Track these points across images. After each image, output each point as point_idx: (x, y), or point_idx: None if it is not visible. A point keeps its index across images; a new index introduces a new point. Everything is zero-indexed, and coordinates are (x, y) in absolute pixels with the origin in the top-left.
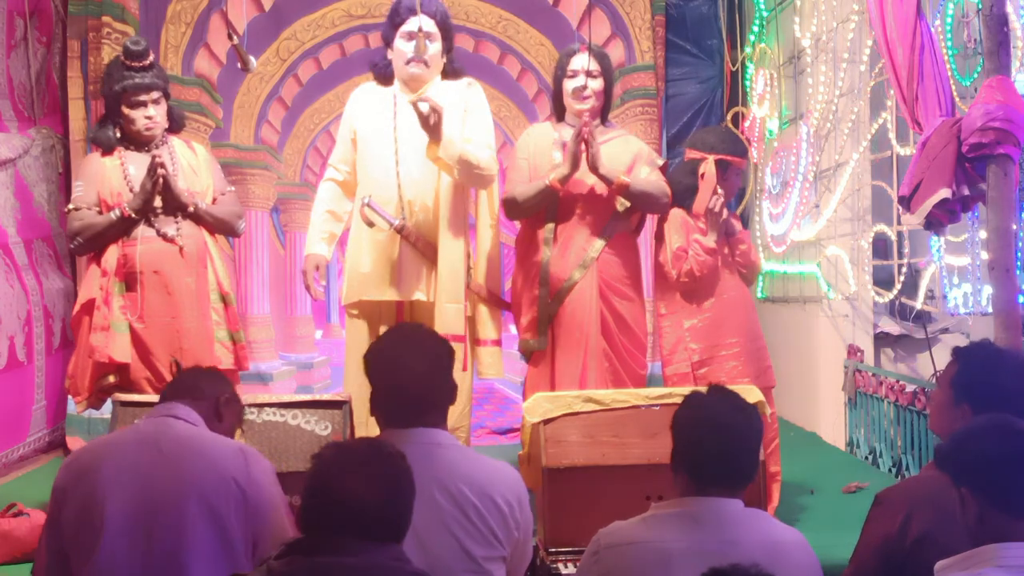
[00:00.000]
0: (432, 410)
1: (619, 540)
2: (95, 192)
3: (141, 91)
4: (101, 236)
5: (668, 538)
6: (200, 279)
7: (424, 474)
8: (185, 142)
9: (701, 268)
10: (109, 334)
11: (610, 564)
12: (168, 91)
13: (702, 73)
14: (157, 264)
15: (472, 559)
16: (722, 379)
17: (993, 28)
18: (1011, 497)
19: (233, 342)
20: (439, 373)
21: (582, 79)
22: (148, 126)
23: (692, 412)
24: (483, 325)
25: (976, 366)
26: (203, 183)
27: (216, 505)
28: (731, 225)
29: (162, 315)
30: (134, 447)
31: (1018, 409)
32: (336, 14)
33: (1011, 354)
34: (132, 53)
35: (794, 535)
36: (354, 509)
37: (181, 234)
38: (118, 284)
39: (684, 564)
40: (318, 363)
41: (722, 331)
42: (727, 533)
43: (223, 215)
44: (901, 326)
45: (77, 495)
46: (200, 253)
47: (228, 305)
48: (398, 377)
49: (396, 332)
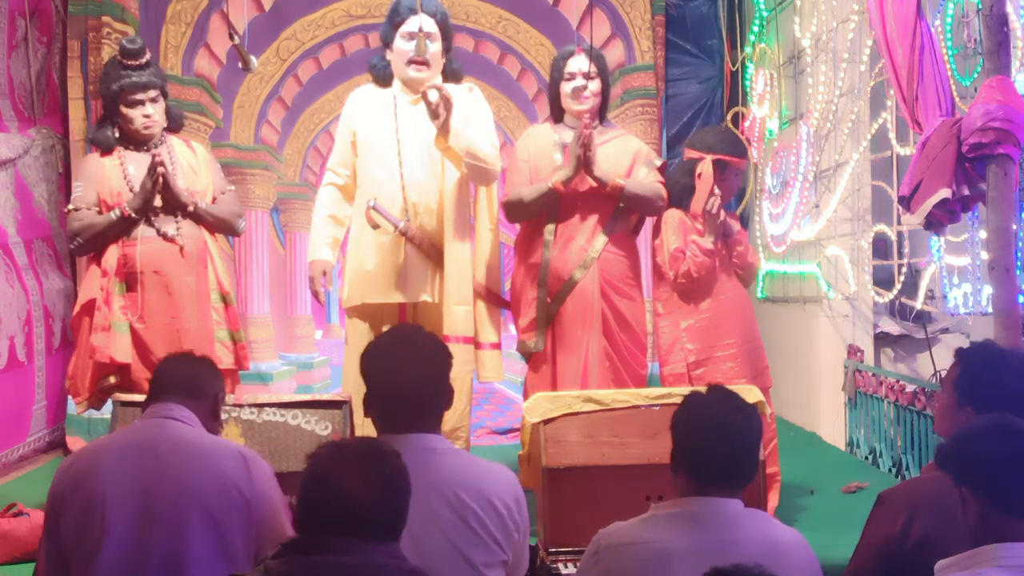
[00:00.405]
0: (427, 415)
1: (619, 540)
2: (95, 192)
3: (138, 90)
4: (101, 236)
5: (668, 538)
6: (200, 279)
7: (421, 481)
8: (184, 141)
9: (698, 269)
10: (110, 334)
11: (610, 564)
12: (166, 90)
13: (702, 73)
14: (157, 264)
15: (472, 566)
16: (718, 380)
17: (993, 28)
18: (1012, 497)
19: (233, 342)
20: (436, 378)
21: (580, 81)
22: (146, 124)
23: (691, 412)
24: (483, 328)
25: (978, 367)
26: (203, 182)
27: (216, 510)
28: (729, 226)
29: (162, 315)
30: (133, 451)
31: (1021, 409)
32: (336, 14)
33: (1014, 354)
34: (128, 52)
35: (794, 535)
36: (350, 508)
37: (181, 233)
38: (119, 284)
39: (684, 564)
40: (318, 363)
41: (719, 332)
42: (727, 533)
43: (223, 214)
44: (901, 326)
45: (76, 501)
46: (200, 252)
47: (228, 305)
48: (394, 380)
49: (394, 334)
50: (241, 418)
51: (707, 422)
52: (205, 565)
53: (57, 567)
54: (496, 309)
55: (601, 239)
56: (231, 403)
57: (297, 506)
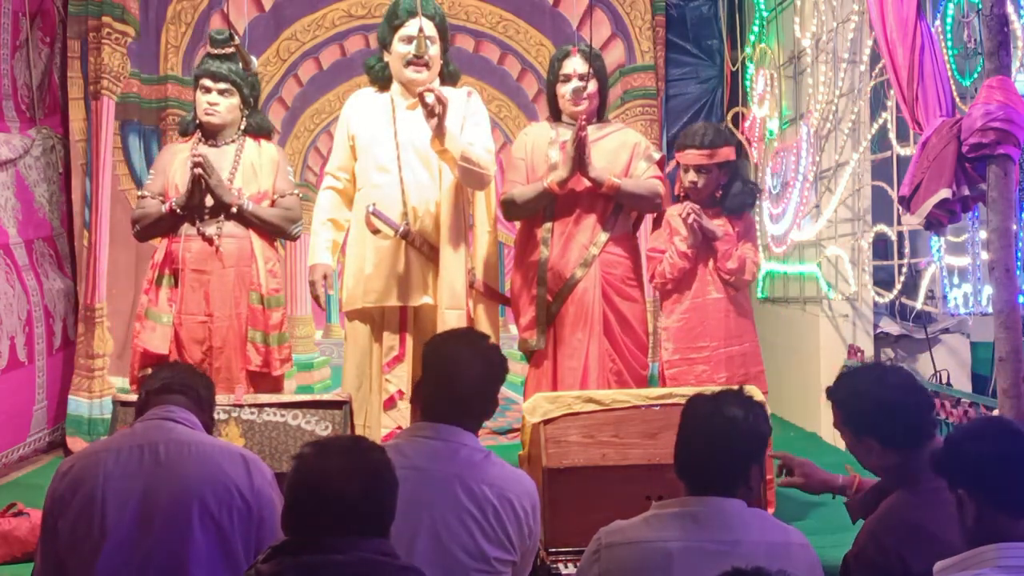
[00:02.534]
0: (470, 414)
1: (620, 539)
2: (162, 182)
3: (208, 76)
4: (153, 227)
5: (669, 537)
6: (240, 279)
7: (448, 470)
8: (256, 141)
9: (672, 271)
10: (147, 324)
11: (610, 563)
12: (246, 90)
13: (702, 73)
14: (197, 262)
15: (485, 559)
16: (691, 382)
17: (993, 28)
18: (1009, 497)
19: (266, 345)
20: (491, 380)
21: (576, 84)
22: (208, 111)
23: (689, 413)
24: (481, 330)
25: (845, 398)
26: (262, 184)
27: (218, 513)
28: (711, 231)
29: (197, 312)
30: (134, 453)
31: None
32: (336, 14)
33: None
34: (213, 41)
35: (796, 535)
36: (336, 505)
37: (221, 233)
38: (168, 277)
39: (685, 563)
40: (318, 363)
41: (695, 335)
42: (728, 533)
43: (271, 217)
44: (901, 326)
45: (75, 503)
46: (243, 253)
47: (267, 307)
48: (454, 372)
49: (463, 332)
50: (241, 418)
51: (702, 424)
52: (205, 567)
53: (54, 568)
54: (494, 312)
55: (602, 237)
56: (231, 403)
57: (284, 507)
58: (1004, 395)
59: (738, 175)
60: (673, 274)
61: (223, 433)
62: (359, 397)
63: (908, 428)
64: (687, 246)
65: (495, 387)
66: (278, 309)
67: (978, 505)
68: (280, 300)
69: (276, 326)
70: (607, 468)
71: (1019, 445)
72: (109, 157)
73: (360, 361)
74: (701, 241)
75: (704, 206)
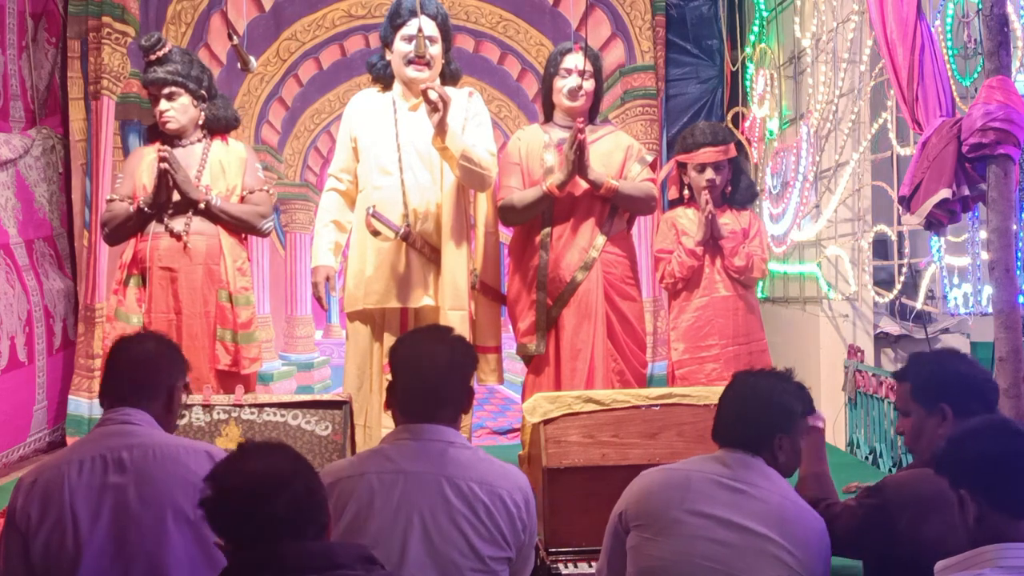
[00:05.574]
0: (446, 407)
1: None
2: (130, 185)
3: (152, 86)
4: (122, 228)
5: (694, 468)
6: (208, 276)
7: (435, 470)
8: (224, 141)
9: (682, 270)
10: (117, 324)
11: (643, 479)
12: (191, 85)
13: (702, 73)
14: (165, 260)
15: (479, 558)
16: (701, 381)
17: (993, 28)
18: (1010, 497)
19: (235, 343)
20: (459, 371)
21: (575, 79)
22: (163, 119)
23: (732, 382)
24: (482, 331)
25: (929, 369)
26: (230, 181)
27: (191, 511)
28: (717, 229)
29: (165, 311)
30: (96, 464)
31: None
32: (336, 14)
33: (948, 351)
34: (143, 49)
35: (812, 510)
36: (268, 513)
37: (189, 231)
38: (135, 277)
39: (701, 488)
40: (318, 363)
41: (705, 333)
42: (746, 476)
43: (241, 213)
44: (901, 326)
45: (46, 520)
46: (211, 251)
47: (235, 305)
48: (419, 367)
49: (425, 329)
50: (241, 418)
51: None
52: (187, 567)
53: None
54: (496, 313)
55: (601, 239)
56: (231, 403)
57: (219, 531)
58: (1004, 395)
59: (742, 170)
60: (683, 273)
61: (223, 433)
62: (360, 398)
63: (981, 400)
64: (695, 244)
65: (465, 374)
66: (247, 307)
67: (979, 505)
68: (249, 299)
69: (245, 325)
70: (607, 468)
71: (1019, 445)
72: (109, 157)
73: (361, 362)
74: (709, 239)
75: (715, 204)
